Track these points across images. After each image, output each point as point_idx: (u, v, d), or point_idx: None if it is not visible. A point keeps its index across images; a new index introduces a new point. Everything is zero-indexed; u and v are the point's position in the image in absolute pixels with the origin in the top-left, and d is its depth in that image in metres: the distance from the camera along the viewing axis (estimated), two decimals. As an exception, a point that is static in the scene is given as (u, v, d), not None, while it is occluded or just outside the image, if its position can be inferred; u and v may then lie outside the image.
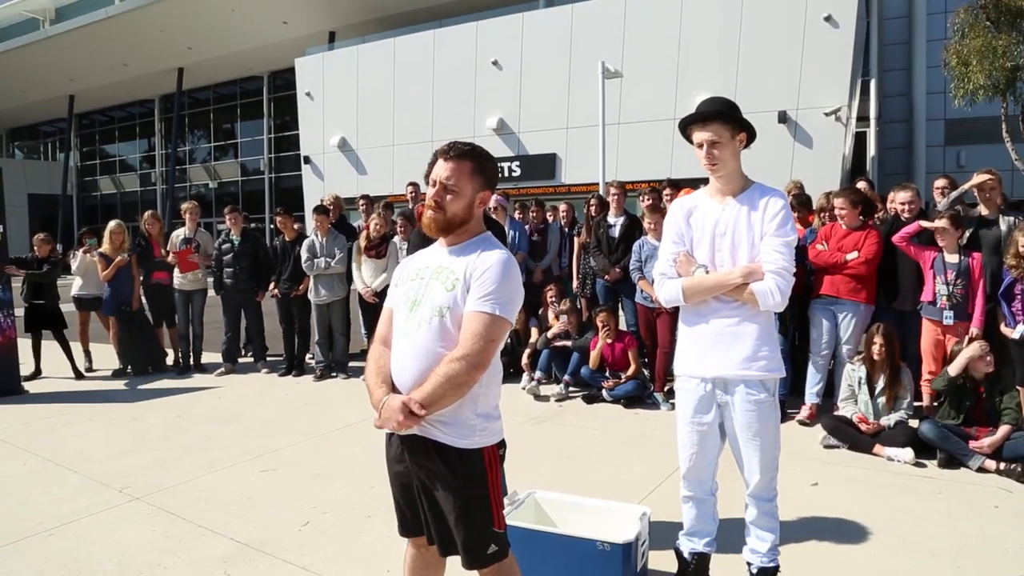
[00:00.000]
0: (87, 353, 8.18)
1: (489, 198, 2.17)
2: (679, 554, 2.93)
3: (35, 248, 7.79)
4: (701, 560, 2.89)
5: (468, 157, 2.12)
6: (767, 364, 2.64)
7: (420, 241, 2.40)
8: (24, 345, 7.58)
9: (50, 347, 7.86)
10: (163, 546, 3.52)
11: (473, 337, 2.00)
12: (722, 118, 2.64)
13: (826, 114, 14.73)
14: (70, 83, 32.82)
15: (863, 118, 16.59)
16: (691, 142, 2.73)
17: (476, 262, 2.07)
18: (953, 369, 4.67)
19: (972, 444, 4.39)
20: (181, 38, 26.96)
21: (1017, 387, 4.64)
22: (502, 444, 2.19)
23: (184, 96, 32.01)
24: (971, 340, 4.77)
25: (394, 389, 2.11)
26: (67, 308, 8.02)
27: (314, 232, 7.43)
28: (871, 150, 17.02)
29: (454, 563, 2.24)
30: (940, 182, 5.71)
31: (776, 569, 2.78)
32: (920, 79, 19.46)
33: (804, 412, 5.47)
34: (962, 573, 3.11)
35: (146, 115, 35.96)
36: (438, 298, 2.09)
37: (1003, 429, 4.37)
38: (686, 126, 2.72)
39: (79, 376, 7.72)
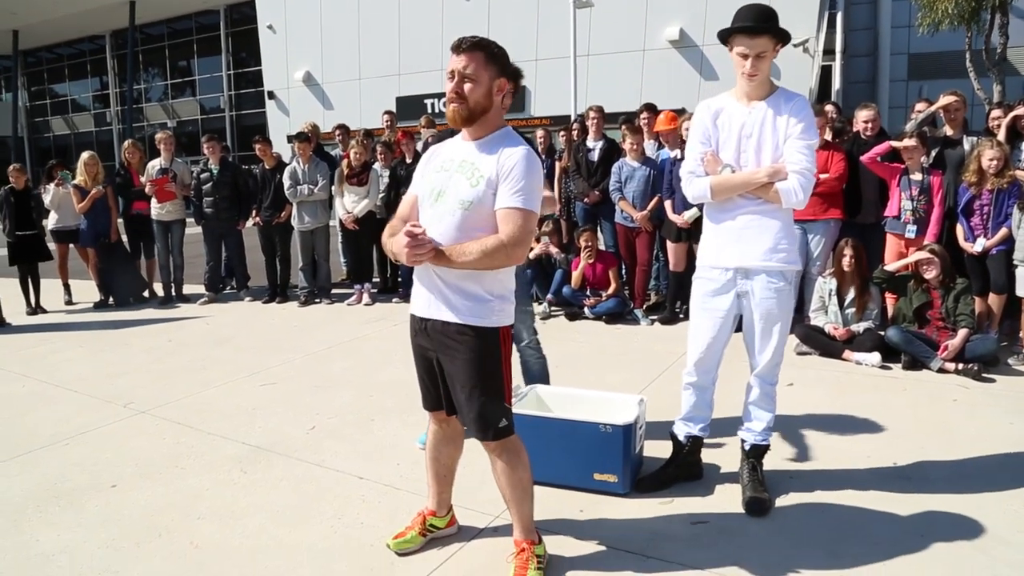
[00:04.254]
0: (66, 287, 8.08)
1: (506, 86, 2.25)
2: (674, 437, 3.15)
3: (11, 179, 7.58)
4: (695, 443, 3.12)
5: (479, 48, 2.20)
6: (787, 256, 2.82)
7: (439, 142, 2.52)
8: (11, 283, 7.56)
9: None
10: (177, 451, 3.65)
11: (513, 228, 2.15)
12: (770, 32, 2.70)
13: (794, 45, 14.77)
14: (12, 17, 31.05)
15: (829, 51, 16.67)
16: (727, 46, 2.80)
17: (503, 160, 2.18)
18: (892, 266, 5.12)
19: (940, 354, 4.69)
20: (132, -33, 25.68)
21: (973, 296, 4.96)
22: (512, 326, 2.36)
23: (137, 31, 30.60)
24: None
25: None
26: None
27: (296, 159, 7.39)
28: (836, 83, 17.17)
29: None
30: (920, 105, 5.93)
31: (767, 448, 3.03)
32: (885, 13, 19.56)
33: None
34: (924, 453, 3.41)
35: (97, 52, 34.34)
36: (462, 191, 2.21)
37: (962, 333, 4.69)
38: (732, 35, 2.75)
39: (33, 312, 7.60)
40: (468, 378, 2.25)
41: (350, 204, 7.24)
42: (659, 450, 3.27)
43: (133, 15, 29.43)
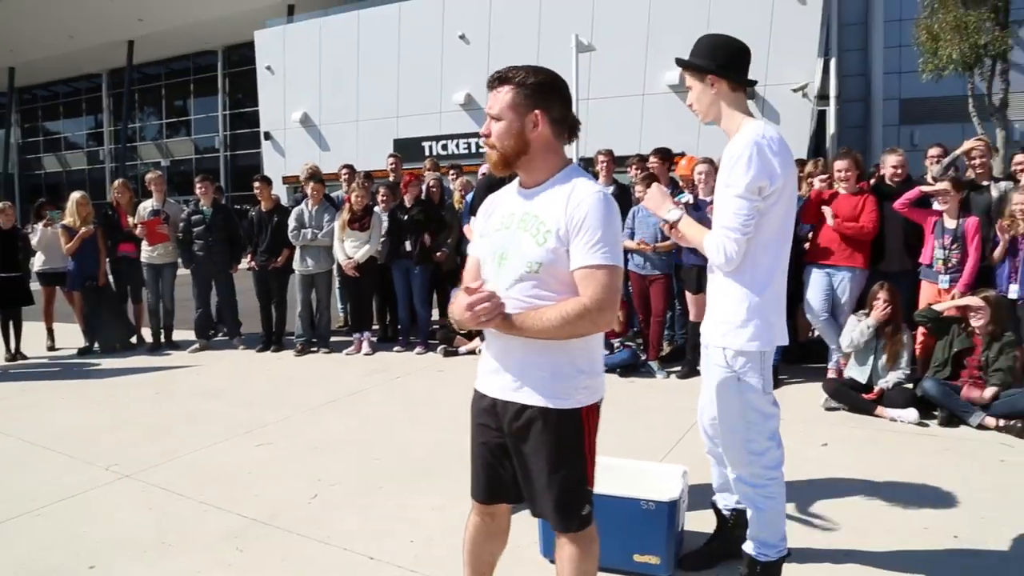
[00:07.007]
0: (50, 332, 7.74)
1: (542, 118, 1.89)
2: (716, 510, 2.87)
3: None
4: (739, 515, 2.80)
5: (503, 81, 1.91)
6: (726, 331, 2.41)
7: (484, 192, 2.22)
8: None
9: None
10: (164, 524, 3.30)
11: (597, 289, 1.83)
12: (684, 66, 2.48)
13: (793, 90, 14.84)
14: (9, 54, 31.11)
15: (823, 96, 16.77)
16: None
17: (572, 209, 1.85)
18: (941, 306, 4.84)
19: (966, 395, 4.49)
20: (131, 9, 25.68)
21: (1016, 352, 4.73)
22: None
23: (134, 71, 30.68)
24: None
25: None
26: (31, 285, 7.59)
27: (305, 201, 7.17)
28: (831, 128, 17.23)
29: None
30: (934, 151, 5.74)
31: (768, 565, 2.53)
32: (877, 59, 19.72)
33: (833, 371, 5.42)
34: (984, 524, 3.12)
35: (93, 90, 34.35)
36: (528, 252, 1.90)
37: (989, 391, 4.48)
38: None
39: (12, 359, 7.24)
40: (546, 465, 1.93)
41: (351, 249, 6.97)
42: (695, 522, 2.99)
43: (131, 54, 29.53)
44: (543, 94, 1.92)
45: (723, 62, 2.41)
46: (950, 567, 2.76)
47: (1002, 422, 4.34)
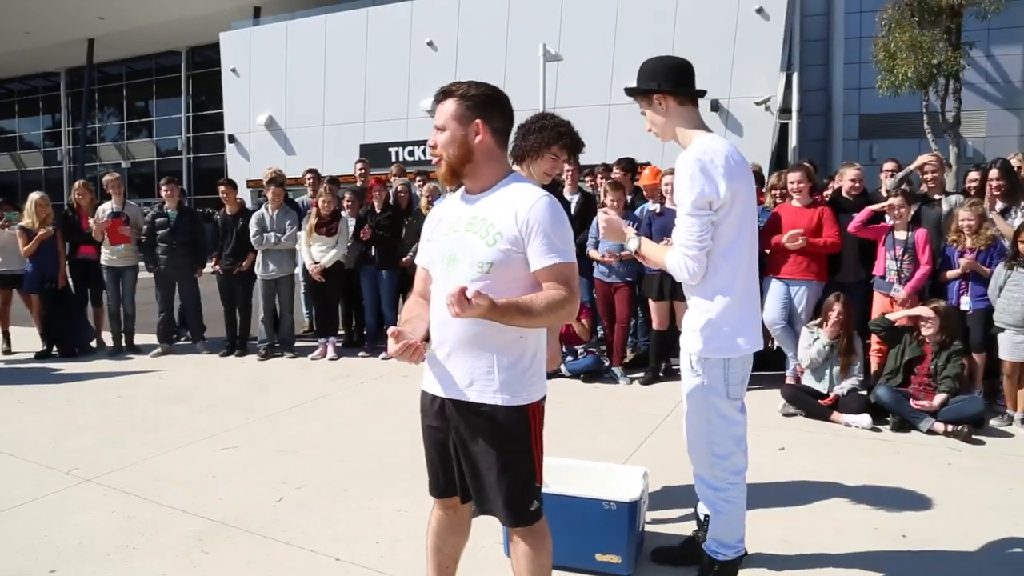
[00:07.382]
0: (6, 335, 7.58)
1: (483, 127, 2.00)
2: (696, 515, 2.95)
3: None
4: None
5: (447, 95, 2.04)
6: (691, 338, 2.53)
7: None
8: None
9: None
10: (127, 527, 3.29)
11: (568, 283, 1.97)
12: (631, 93, 2.59)
13: (756, 103, 15.21)
14: (-38, 52, 30.36)
15: (785, 110, 17.20)
16: None
17: (523, 215, 1.95)
18: (894, 315, 5.03)
19: (916, 404, 4.66)
20: (92, 6, 25.26)
21: (971, 354, 4.94)
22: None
23: (94, 70, 30.10)
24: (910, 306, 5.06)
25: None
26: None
27: (265, 205, 7.13)
28: (792, 141, 17.65)
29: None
30: (889, 165, 5.96)
31: (726, 564, 2.63)
32: (838, 75, 20.28)
33: (791, 378, 5.52)
34: (932, 524, 3.27)
35: (51, 89, 33.63)
36: (478, 252, 1.98)
37: (939, 398, 4.66)
38: None
39: None
40: (495, 461, 2.00)
41: (317, 254, 6.96)
42: (656, 523, 3.07)
43: (91, 53, 28.98)
44: (484, 106, 2.03)
45: (664, 79, 2.51)
46: (898, 565, 2.89)
47: (950, 427, 4.52)
